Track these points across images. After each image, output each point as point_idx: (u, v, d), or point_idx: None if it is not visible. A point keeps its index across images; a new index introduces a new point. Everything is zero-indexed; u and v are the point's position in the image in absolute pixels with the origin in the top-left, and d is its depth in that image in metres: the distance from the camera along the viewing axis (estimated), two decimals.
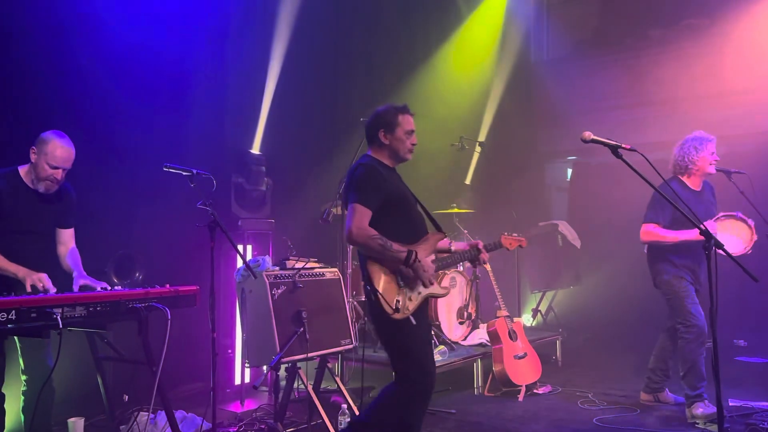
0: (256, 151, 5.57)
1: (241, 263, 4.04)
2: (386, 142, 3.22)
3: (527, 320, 7.93)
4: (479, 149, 7.52)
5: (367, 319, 5.75)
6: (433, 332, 5.30)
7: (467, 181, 8.09)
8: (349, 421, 3.83)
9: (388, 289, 3.01)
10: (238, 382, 5.13)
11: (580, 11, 9.63)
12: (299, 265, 4.24)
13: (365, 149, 5.03)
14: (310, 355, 3.98)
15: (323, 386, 4.45)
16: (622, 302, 7.55)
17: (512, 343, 5.17)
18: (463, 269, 5.91)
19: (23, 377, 3.45)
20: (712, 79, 7.75)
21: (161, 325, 3.16)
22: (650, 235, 4.42)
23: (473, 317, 5.98)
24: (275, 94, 5.80)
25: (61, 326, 2.82)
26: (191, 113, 5.18)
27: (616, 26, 9.10)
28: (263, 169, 5.43)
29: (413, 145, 3.25)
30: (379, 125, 3.23)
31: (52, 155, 3.38)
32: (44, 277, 3.24)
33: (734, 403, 4.72)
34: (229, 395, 5.05)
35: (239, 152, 5.48)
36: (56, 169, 3.41)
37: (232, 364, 5.16)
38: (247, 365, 4.77)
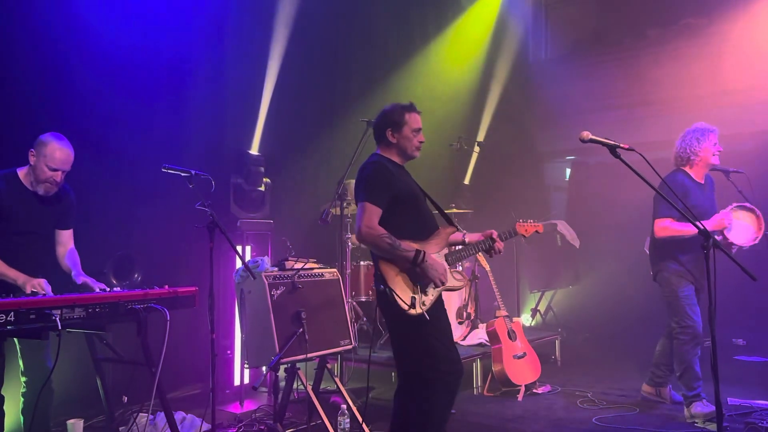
0: (254, 151, 5.57)
1: (240, 264, 4.04)
2: (394, 140, 3.24)
3: (526, 320, 7.93)
4: (478, 149, 7.52)
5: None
6: None
7: (466, 181, 8.09)
8: None
9: (402, 286, 3.03)
10: (237, 382, 5.13)
11: (578, 11, 9.64)
12: (298, 265, 4.24)
13: (364, 149, 5.06)
14: (309, 355, 3.98)
15: (323, 387, 4.44)
16: (621, 302, 7.55)
17: (511, 342, 5.17)
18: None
19: (23, 379, 3.45)
20: (710, 78, 7.75)
21: (160, 326, 3.16)
22: (666, 230, 4.35)
23: (472, 317, 5.98)
24: (273, 94, 5.80)
25: (60, 327, 2.82)
26: (190, 114, 5.18)
27: (614, 26, 9.10)
28: (262, 169, 5.43)
29: (421, 143, 3.29)
30: (386, 124, 3.25)
31: (51, 157, 3.39)
32: (43, 282, 3.23)
33: (733, 402, 4.73)
34: (228, 396, 5.05)
35: (238, 153, 5.48)
36: (55, 171, 3.41)
37: (231, 364, 5.16)
38: (246, 366, 4.77)
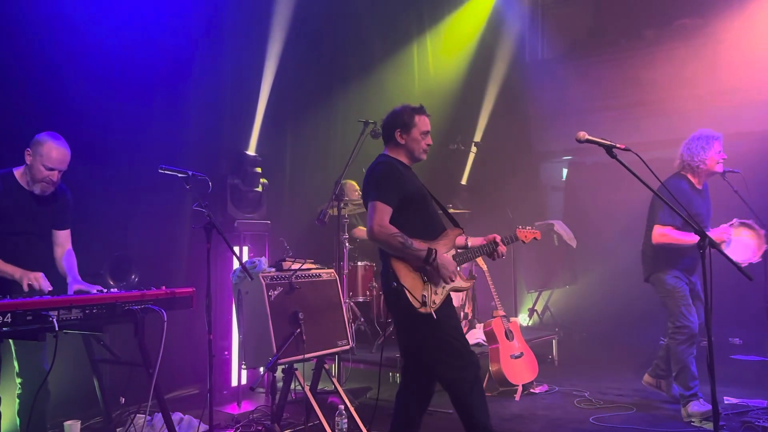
0: (251, 152, 5.57)
1: (237, 265, 4.04)
2: (402, 141, 3.27)
3: (524, 320, 7.94)
4: (475, 149, 7.53)
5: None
6: None
7: (463, 181, 8.10)
8: None
9: (413, 284, 3.06)
10: (234, 383, 5.12)
11: (574, 11, 9.65)
12: (295, 266, 4.24)
13: (361, 150, 5.07)
14: (306, 356, 3.97)
15: (320, 387, 4.44)
16: (618, 301, 7.56)
17: (509, 342, 5.18)
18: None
19: (18, 380, 3.44)
20: (705, 78, 7.77)
21: (157, 327, 3.15)
22: (666, 237, 4.36)
23: (470, 317, 5.99)
24: (270, 94, 5.80)
25: (56, 329, 2.81)
26: (187, 115, 5.17)
27: (610, 26, 9.12)
28: (259, 170, 5.42)
29: (428, 145, 3.32)
30: (395, 125, 3.28)
31: (47, 157, 3.38)
32: (40, 276, 3.24)
33: (729, 401, 4.75)
34: (226, 397, 5.04)
35: (235, 153, 5.47)
36: (52, 170, 3.41)
37: (228, 365, 5.15)
38: (243, 367, 4.77)
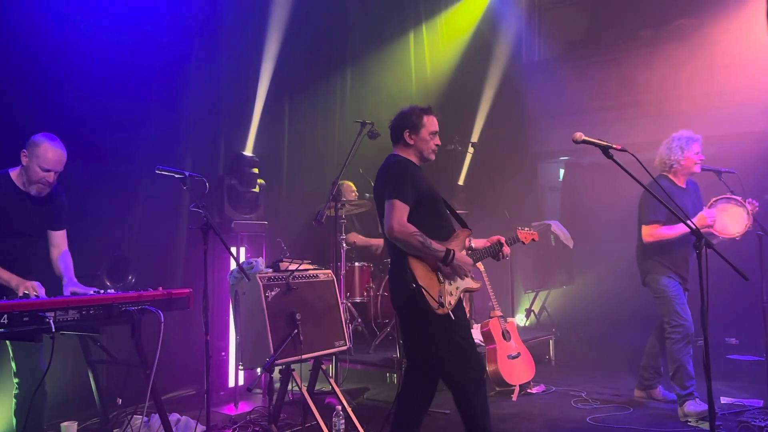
0: (248, 152, 5.56)
1: (234, 265, 4.03)
2: (411, 142, 3.29)
3: (521, 320, 7.95)
4: (472, 150, 7.53)
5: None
6: None
7: (460, 181, 8.11)
8: None
9: (430, 285, 3.07)
10: (231, 384, 5.12)
11: (571, 12, 9.67)
12: (293, 266, 4.24)
13: (358, 151, 5.06)
14: (304, 356, 3.97)
15: (317, 388, 4.45)
16: (614, 301, 7.58)
17: (506, 343, 5.18)
18: None
19: (15, 380, 3.43)
20: (702, 79, 7.79)
21: (154, 328, 3.15)
22: (655, 236, 4.44)
23: (467, 317, 5.99)
24: (268, 95, 5.80)
25: (53, 330, 2.81)
26: (183, 116, 5.16)
27: (607, 27, 9.14)
28: (256, 170, 5.42)
29: (437, 146, 3.34)
30: (404, 126, 3.30)
31: (43, 158, 3.38)
32: (37, 285, 3.22)
33: (726, 400, 4.76)
34: (223, 398, 5.04)
35: (232, 154, 5.47)
36: (48, 171, 3.40)
37: (225, 366, 5.14)
38: (240, 368, 4.77)
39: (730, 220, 4.42)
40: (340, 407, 4.02)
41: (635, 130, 7.91)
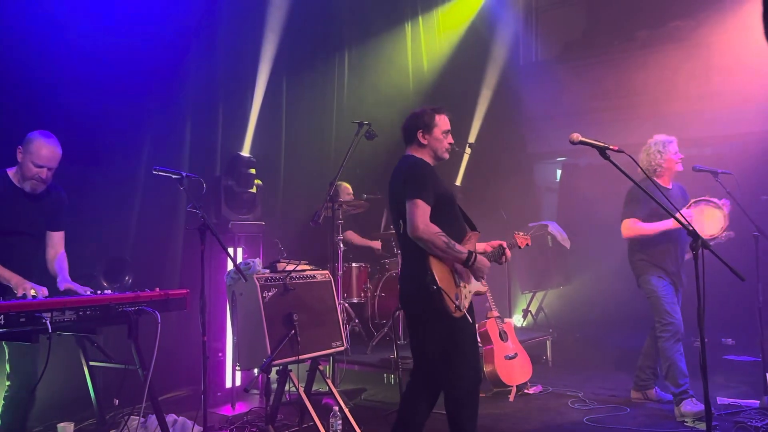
0: (246, 153, 5.56)
1: (231, 266, 4.03)
2: (425, 142, 3.29)
3: (518, 321, 7.96)
4: (469, 151, 7.53)
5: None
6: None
7: (457, 182, 8.11)
8: None
9: (448, 287, 3.05)
10: (229, 385, 5.11)
11: (567, 14, 9.70)
12: (290, 267, 4.23)
13: (356, 151, 5.07)
14: (301, 357, 3.97)
15: (314, 388, 4.44)
16: (611, 302, 7.59)
17: (503, 343, 5.19)
18: None
19: (7, 382, 3.40)
20: (698, 80, 7.82)
21: (151, 328, 3.15)
22: (631, 230, 4.54)
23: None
24: (265, 95, 5.79)
25: (50, 330, 2.80)
26: (181, 116, 5.16)
27: (603, 28, 9.17)
28: (253, 171, 5.41)
29: (450, 144, 3.35)
30: (417, 126, 3.29)
31: (37, 154, 3.36)
32: (38, 287, 3.20)
33: (722, 401, 4.77)
34: (220, 398, 5.03)
35: (229, 155, 5.46)
36: (41, 168, 3.38)
37: (222, 367, 5.14)
38: (237, 368, 4.75)
39: (707, 221, 4.52)
40: (337, 408, 4.02)
41: (632, 130, 7.91)
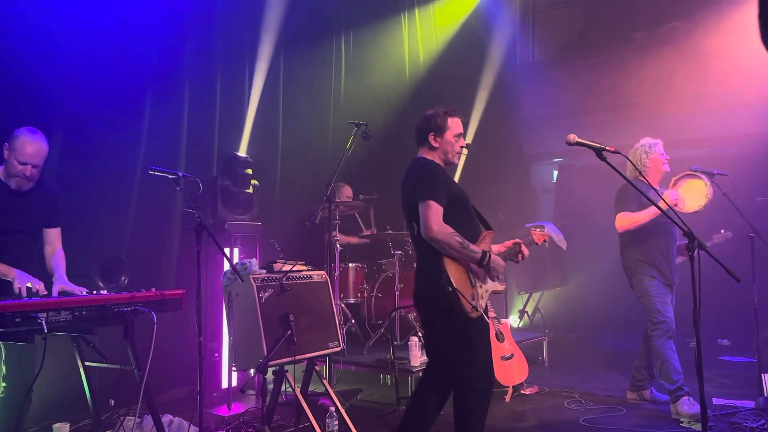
0: (242, 153, 5.55)
1: (227, 266, 4.02)
2: (436, 145, 3.28)
3: (514, 321, 7.97)
4: (466, 151, 7.49)
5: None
6: (420, 334, 5.31)
7: None
8: None
9: (463, 288, 3.04)
10: (225, 385, 5.10)
11: (565, 15, 9.72)
12: (286, 267, 4.23)
13: (353, 151, 5.06)
14: (297, 358, 3.96)
15: (311, 389, 4.44)
16: (607, 303, 7.61)
17: (499, 344, 5.19)
18: None
19: (3, 384, 3.39)
20: (694, 81, 7.84)
21: (147, 329, 3.14)
22: (625, 221, 4.55)
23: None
24: (262, 95, 5.79)
25: (45, 331, 2.79)
26: (177, 116, 5.15)
27: (600, 29, 9.18)
28: (250, 171, 5.41)
29: (462, 147, 3.34)
30: (429, 128, 3.28)
31: (21, 151, 3.33)
32: (35, 281, 3.20)
33: (718, 401, 4.78)
34: (216, 399, 5.02)
35: (226, 155, 5.46)
36: (25, 165, 3.34)
37: (218, 367, 5.13)
38: (234, 369, 4.75)
39: (691, 195, 4.53)
40: (333, 408, 4.02)
41: (628, 131, 7.92)
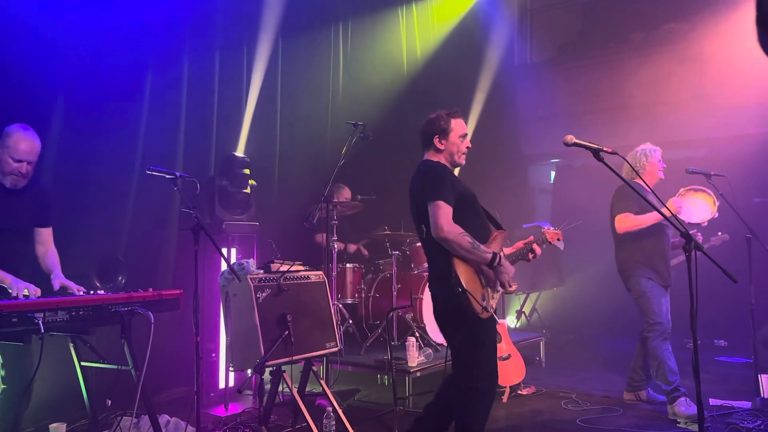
0: (240, 153, 5.55)
1: (225, 266, 4.02)
2: (441, 147, 3.30)
3: (511, 322, 7.97)
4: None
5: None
6: (417, 334, 5.32)
7: None
8: None
9: (474, 288, 3.05)
10: (222, 386, 5.10)
11: (562, 16, 9.74)
12: (284, 268, 4.23)
13: (354, 151, 5.06)
14: (294, 358, 3.96)
15: (308, 389, 4.44)
16: (604, 303, 7.62)
17: (497, 344, 5.18)
18: None
19: (2, 386, 3.39)
20: (692, 82, 7.86)
21: (144, 329, 3.13)
22: (627, 223, 4.57)
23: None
24: (260, 95, 5.78)
25: (42, 331, 2.79)
26: (175, 116, 5.14)
27: (598, 30, 9.20)
28: (247, 171, 5.40)
29: (467, 148, 3.35)
30: (433, 132, 3.30)
31: (14, 148, 3.32)
32: (31, 287, 3.19)
33: (714, 402, 4.79)
34: (213, 399, 5.02)
35: (223, 155, 5.45)
36: (20, 162, 3.34)
37: (216, 367, 5.12)
38: (231, 369, 4.75)
39: (696, 208, 4.58)
40: (330, 409, 4.02)
41: (625, 132, 7.96)
